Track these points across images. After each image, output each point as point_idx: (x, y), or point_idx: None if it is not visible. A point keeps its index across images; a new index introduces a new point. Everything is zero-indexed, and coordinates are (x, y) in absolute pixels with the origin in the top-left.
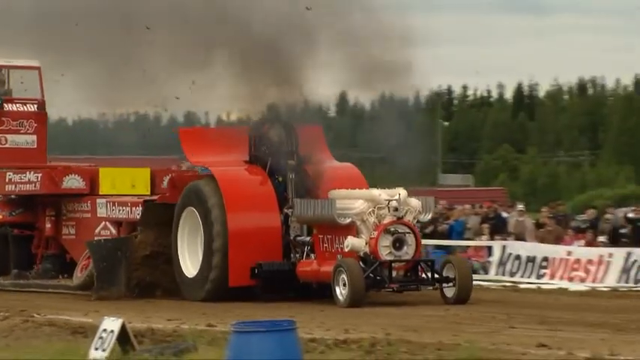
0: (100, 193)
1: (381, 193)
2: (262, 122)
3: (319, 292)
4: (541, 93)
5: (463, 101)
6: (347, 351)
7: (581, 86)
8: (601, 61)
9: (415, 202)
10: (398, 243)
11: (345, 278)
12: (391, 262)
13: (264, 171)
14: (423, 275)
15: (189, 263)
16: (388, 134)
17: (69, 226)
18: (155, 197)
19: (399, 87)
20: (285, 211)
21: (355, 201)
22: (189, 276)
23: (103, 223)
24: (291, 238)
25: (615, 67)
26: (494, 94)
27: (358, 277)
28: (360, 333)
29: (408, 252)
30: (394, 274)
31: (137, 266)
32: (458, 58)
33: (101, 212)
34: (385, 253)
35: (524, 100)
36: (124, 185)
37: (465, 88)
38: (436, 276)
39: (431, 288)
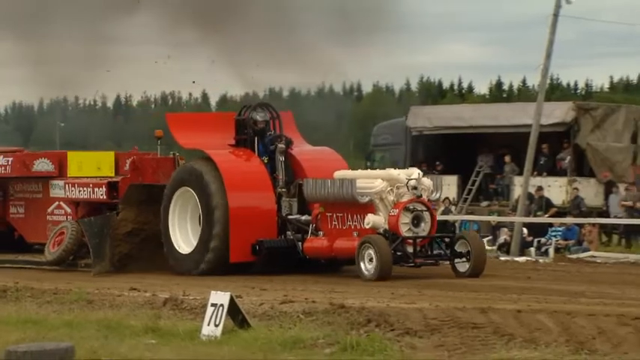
0: (68, 175)
1: (399, 173)
2: (249, 106)
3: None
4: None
5: None
6: None
7: (164, 98)
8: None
9: (428, 182)
10: (416, 220)
11: (373, 253)
12: (415, 238)
13: (254, 154)
14: (440, 251)
15: (180, 240)
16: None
17: (17, 206)
18: (118, 178)
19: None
20: (279, 190)
21: (374, 180)
22: (182, 252)
23: (57, 202)
24: (284, 216)
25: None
26: None
27: (386, 252)
28: None
29: (424, 229)
30: (411, 249)
31: (119, 242)
32: None
33: (56, 193)
34: (405, 229)
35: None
36: (91, 168)
37: None
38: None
39: (448, 263)
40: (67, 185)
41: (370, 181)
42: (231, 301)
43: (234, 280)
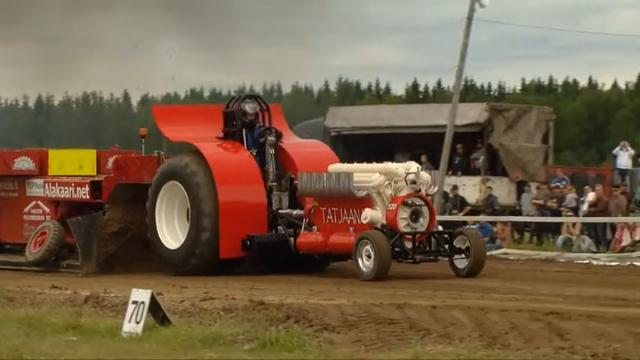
0: (49, 174)
1: (398, 167)
2: (237, 98)
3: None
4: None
5: None
6: None
7: (85, 98)
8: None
9: (426, 176)
10: (414, 215)
11: (371, 250)
12: (414, 233)
13: (243, 146)
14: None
15: (168, 236)
16: None
17: None
18: (101, 177)
19: None
20: (269, 184)
21: (372, 174)
22: (170, 248)
23: (35, 202)
24: (275, 210)
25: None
26: None
27: (385, 248)
28: None
29: (423, 224)
30: (409, 245)
31: (105, 242)
32: None
33: (34, 192)
34: (403, 225)
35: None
36: (72, 166)
37: None
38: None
39: (447, 259)
40: (46, 184)
41: (367, 175)
42: (152, 298)
43: (157, 278)
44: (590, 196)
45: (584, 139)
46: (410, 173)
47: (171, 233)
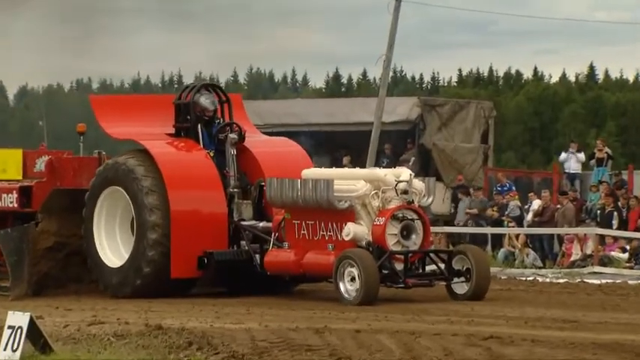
0: None
1: (386, 174)
2: (191, 87)
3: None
4: None
5: None
6: None
7: None
8: None
9: (419, 185)
10: (406, 231)
11: (355, 272)
12: (405, 253)
13: (199, 145)
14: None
15: (109, 252)
16: None
17: None
18: (31, 182)
19: None
20: (231, 191)
21: (356, 182)
22: (111, 266)
23: None
24: (236, 222)
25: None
26: None
27: (372, 270)
28: None
29: (416, 242)
30: (399, 267)
31: (38, 259)
32: None
33: None
34: (392, 242)
35: None
36: None
37: None
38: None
39: (444, 283)
40: None
41: (351, 182)
42: (31, 322)
43: (92, 302)
44: (536, 204)
45: (529, 138)
46: (401, 181)
47: (113, 248)
